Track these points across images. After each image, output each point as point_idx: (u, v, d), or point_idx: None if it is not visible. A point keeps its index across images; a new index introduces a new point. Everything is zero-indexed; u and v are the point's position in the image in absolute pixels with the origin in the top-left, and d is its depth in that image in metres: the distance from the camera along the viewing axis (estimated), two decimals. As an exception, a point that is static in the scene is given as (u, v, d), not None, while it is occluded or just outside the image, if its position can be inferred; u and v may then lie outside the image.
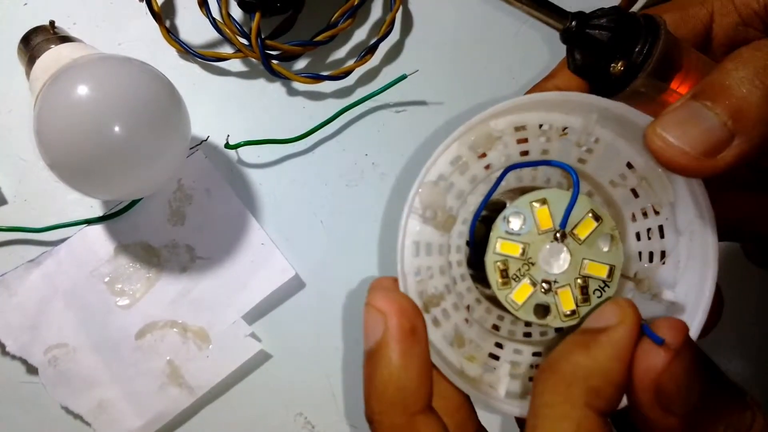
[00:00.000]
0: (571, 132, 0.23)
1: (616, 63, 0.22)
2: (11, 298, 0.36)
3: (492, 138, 0.23)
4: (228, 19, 0.38)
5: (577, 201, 0.22)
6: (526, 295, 0.22)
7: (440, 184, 0.23)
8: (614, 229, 0.23)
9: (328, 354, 0.37)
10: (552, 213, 0.22)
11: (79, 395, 0.36)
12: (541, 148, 0.23)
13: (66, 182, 0.33)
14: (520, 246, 0.22)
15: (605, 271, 0.23)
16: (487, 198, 0.23)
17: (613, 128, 0.23)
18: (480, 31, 0.41)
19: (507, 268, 0.22)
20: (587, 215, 0.23)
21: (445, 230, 0.22)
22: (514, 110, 0.23)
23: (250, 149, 0.39)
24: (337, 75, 0.39)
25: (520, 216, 0.22)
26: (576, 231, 0.23)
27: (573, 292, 0.22)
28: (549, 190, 0.23)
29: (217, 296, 0.37)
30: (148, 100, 0.32)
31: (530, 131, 0.23)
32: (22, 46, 0.36)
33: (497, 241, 0.22)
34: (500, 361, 0.23)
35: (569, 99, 0.22)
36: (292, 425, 0.36)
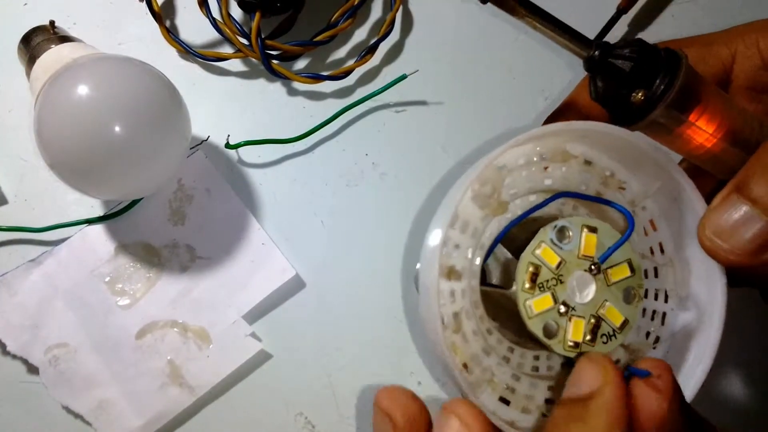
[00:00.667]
0: (628, 189, 0.24)
1: (637, 93, 0.22)
2: (12, 298, 0.36)
3: (566, 155, 0.23)
4: (228, 19, 0.38)
5: (622, 246, 0.23)
6: (545, 307, 0.22)
7: (503, 172, 0.23)
8: (641, 287, 0.23)
9: (328, 354, 0.37)
10: (598, 243, 0.23)
11: (79, 395, 0.36)
12: (595, 189, 0.24)
13: (66, 182, 0.33)
14: (558, 259, 0.22)
15: (620, 322, 0.23)
16: (534, 209, 0.23)
17: (663, 206, 0.24)
18: (480, 32, 0.41)
19: (537, 274, 0.22)
20: (624, 262, 0.23)
21: (492, 212, 0.22)
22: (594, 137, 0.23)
23: (251, 149, 0.39)
24: (337, 75, 0.39)
25: (568, 232, 0.23)
26: (610, 272, 0.23)
27: (585, 326, 0.22)
28: (601, 222, 0.23)
29: (218, 296, 0.37)
30: (148, 100, 0.32)
31: (595, 170, 0.24)
32: (22, 46, 0.36)
33: (541, 244, 0.22)
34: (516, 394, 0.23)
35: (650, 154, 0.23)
36: (292, 425, 0.36)
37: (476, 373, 0.22)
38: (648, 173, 0.24)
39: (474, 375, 0.22)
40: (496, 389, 0.22)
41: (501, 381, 0.22)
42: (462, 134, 0.40)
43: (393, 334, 0.37)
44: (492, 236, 0.23)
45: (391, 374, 0.37)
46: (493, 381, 0.22)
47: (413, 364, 0.37)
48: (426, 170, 0.39)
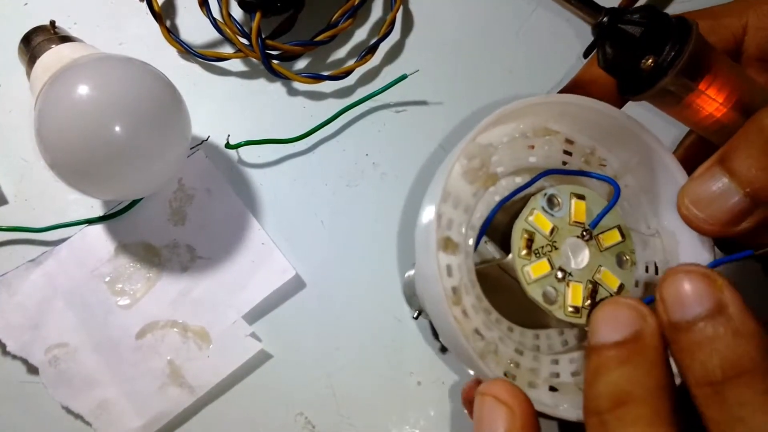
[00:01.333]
0: (609, 166, 0.24)
1: (647, 59, 0.22)
2: (12, 298, 0.36)
3: (548, 131, 0.24)
4: (228, 19, 0.38)
5: (610, 212, 0.23)
6: (542, 273, 0.22)
7: (489, 149, 0.23)
8: (633, 252, 0.23)
9: (329, 354, 0.37)
10: (587, 210, 0.23)
11: (79, 395, 0.36)
12: (579, 165, 0.24)
13: (66, 182, 0.33)
14: (551, 225, 0.23)
15: (616, 285, 0.23)
16: (521, 189, 0.23)
17: (642, 182, 0.24)
18: (480, 31, 0.41)
19: (533, 241, 0.22)
20: (614, 228, 0.23)
21: (483, 185, 0.23)
22: (568, 114, 0.23)
23: (251, 149, 0.39)
24: (338, 75, 0.39)
25: (557, 200, 0.23)
26: (601, 237, 0.23)
27: (583, 291, 0.23)
28: (589, 189, 0.23)
29: (218, 296, 0.37)
30: (148, 100, 0.32)
31: (576, 147, 0.24)
32: (22, 46, 0.36)
33: (533, 211, 0.23)
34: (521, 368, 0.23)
35: (626, 126, 0.23)
36: (293, 425, 0.36)
37: (480, 346, 0.22)
38: (627, 148, 0.24)
39: (478, 347, 0.22)
40: (500, 363, 0.22)
41: (505, 355, 0.22)
42: (462, 134, 0.39)
43: (393, 334, 0.37)
44: (482, 217, 0.23)
45: (391, 374, 0.37)
46: (497, 354, 0.22)
47: (413, 364, 0.37)
48: (426, 170, 0.39)
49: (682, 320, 0.18)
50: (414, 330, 0.37)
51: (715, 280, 0.19)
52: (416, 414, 0.36)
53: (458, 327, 0.21)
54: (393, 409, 0.36)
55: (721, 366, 0.18)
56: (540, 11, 0.41)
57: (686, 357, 0.18)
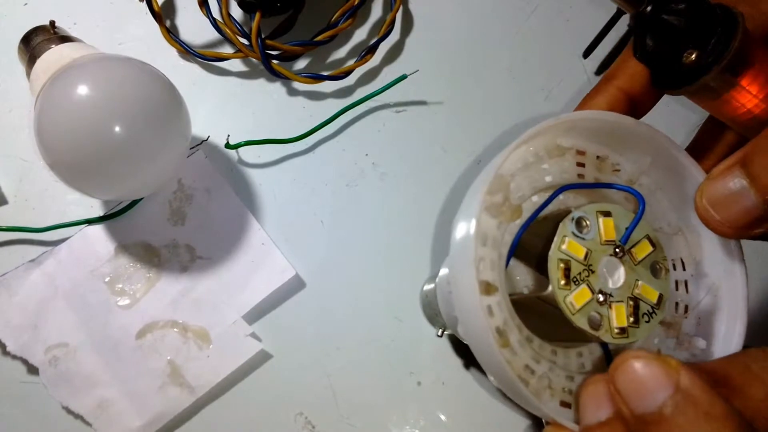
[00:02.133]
0: (622, 170, 0.24)
1: (689, 53, 0.21)
2: (12, 298, 0.36)
3: (560, 149, 0.23)
4: (228, 19, 0.38)
5: (638, 224, 0.23)
6: (585, 300, 0.22)
7: (506, 178, 0.23)
8: (665, 259, 0.23)
9: (328, 354, 0.37)
10: (615, 226, 0.22)
11: (79, 395, 0.36)
12: (593, 176, 0.24)
13: (66, 182, 0.33)
14: (584, 249, 0.22)
15: (656, 297, 0.22)
16: (541, 208, 0.23)
17: (657, 179, 0.24)
18: (480, 31, 0.41)
19: (569, 269, 0.22)
20: (644, 238, 0.23)
21: (507, 219, 0.22)
22: (582, 127, 0.23)
23: (251, 149, 0.39)
24: (338, 75, 0.39)
25: (586, 222, 0.22)
26: (634, 251, 0.23)
27: (626, 309, 0.22)
28: (612, 205, 0.23)
29: (218, 296, 0.37)
30: (148, 100, 0.32)
31: (588, 157, 0.24)
32: (22, 46, 0.36)
33: (564, 239, 0.22)
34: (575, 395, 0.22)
35: (636, 131, 0.23)
36: (293, 425, 0.36)
37: (533, 383, 0.21)
38: (638, 150, 0.24)
39: (531, 385, 0.21)
40: (555, 395, 0.22)
41: (558, 385, 0.22)
42: (462, 134, 0.40)
43: (393, 334, 0.37)
44: (507, 244, 0.22)
45: (391, 374, 0.37)
46: (551, 387, 0.22)
47: (413, 364, 0.37)
48: (426, 170, 0.39)
49: (647, 412, 0.17)
50: (414, 330, 0.37)
51: (669, 361, 0.18)
52: (416, 414, 0.36)
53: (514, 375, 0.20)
54: (393, 409, 0.36)
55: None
56: (540, 11, 0.41)
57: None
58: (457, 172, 0.39)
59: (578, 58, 0.41)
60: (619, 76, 0.25)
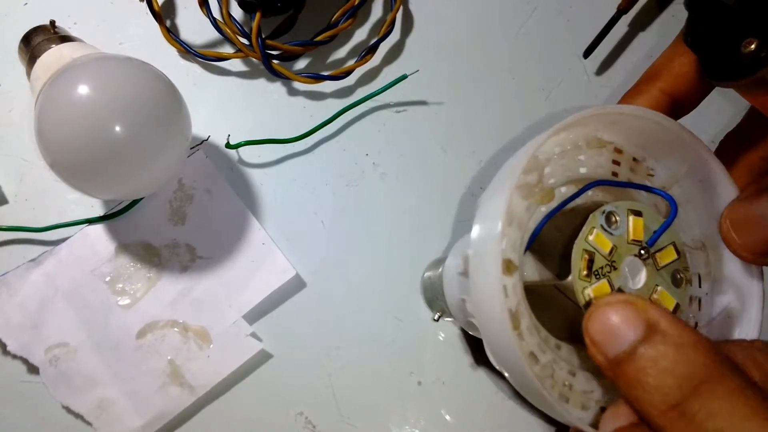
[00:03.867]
0: (656, 176, 0.24)
1: (748, 42, 0.19)
2: (12, 298, 0.36)
3: (601, 142, 0.23)
4: (228, 18, 0.38)
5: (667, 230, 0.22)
6: (603, 295, 0.21)
7: (542, 161, 0.22)
8: (687, 270, 0.23)
9: (329, 354, 0.37)
10: (645, 227, 0.22)
11: (79, 395, 0.36)
12: (626, 176, 0.23)
13: (67, 182, 0.33)
14: (611, 244, 0.22)
15: (672, 306, 0.22)
16: (567, 201, 0.22)
17: (688, 191, 0.23)
18: (480, 31, 0.41)
19: (593, 261, 0.21)
20: (670, 245, 0.22)
21: (538, 201, 0.22)
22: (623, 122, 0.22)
23: (251, 149, 0.39)
24: (338, 75, 0.39)
25: (616, 217, 0.22)
26: (658, 256, 0.22)
27: None
28: (645, 206, 0.22)
29: (218, 296, 0.37)
30: (148, 100, 0.32)
31: (624, 157, 0.23)
32: (22, 46, 0.36)
33: (593, 230, 0.21)
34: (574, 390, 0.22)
35: (679, 136, 0.22)
36: (293, 425, 0.36)
37: (536, 371, 0.21)
38: (676, 157, 0.23)
39: (536, 373, 0.21)
40: (556, 386, 0.21)
41: (559, 378, 0.22)
42: (462, 134, 0.40)
43: (393, 334, 0.37)
44: (530, 229, 0.22)
45: (391, 374, 0.37)
46: (553, 378, 0.21)
47: (413, 364, 0.37)
48: (426, 170, 0.39)
49: (620, 353, 0.18)
50: (414, 330, 0.37)
51: (636, 302, 0.18)
52: (416, 414, 0.36)
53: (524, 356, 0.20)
54: (393, 409, 0.36)
55: (678, 384, 0.17)
56: (540, 11, 0.41)
57: (638, 389, 0.17)
58: (457, 172, 0.39)
59: (578, 58, 0.41)
60: (664, 77, 0.24)
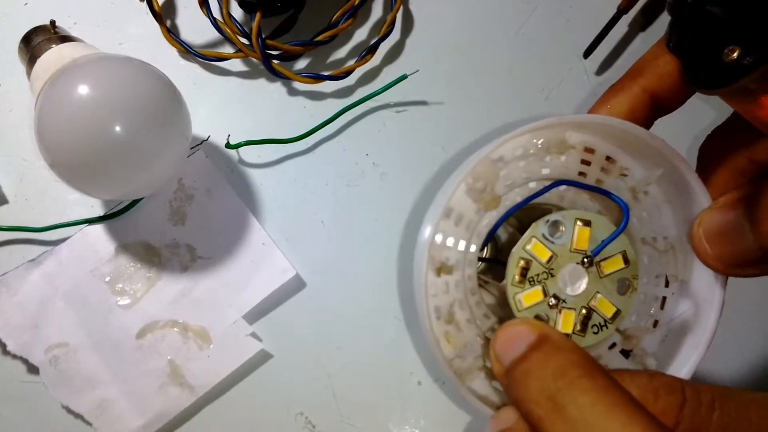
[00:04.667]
0: (630, 176, 0.24)
1: (731, 50, 0.19)
2: (12, 298, 0.36)
3: (564, 146, 0.23)
4: (229, 18, 0.38)
5: (617, 238, 0.23)
6: (534, 301, 0.22)
7: (498, 164, 0.23)
8: (635, 278, 0.23)
9: (329, 354, 0.37)
10: (591, 237, 0.23)
11: (79, 395, 0.36)
12: (596, 176, 0.23)
13: (67, 182, 0.33)
14: (549, 253, 0.22)
15: (611, 312, 0.23)
16: (531, 198, 0.23)
17: (667, 191, 0.24)
18: (480, 31, 0.41)
19: (528, 269, 0.22)
20: (618, 254, 0.23)
21: (485, 206, 0.22)
22: (593, 128, 0.23)
23: (251, 149, 0.39)
24: (338, 75, 0.39)
25: (561, 226, 0.23)
26: (603, 264, 0.23)
27: (576, 317, 0.22)
28: (597, 215, 0.23)
29: (218, 296, 0.37)
30: (148, 100, 0.32)
31: (596, 157, 0.23)
32: (22, 46, 0.36)
33: (532, 239, 0.22)
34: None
35: (650, 144, 0.23)
36: (293, 425, 0.36)
37: (469, 360, 0.22)
38: (650, 159, 0.23)
39: (467, 362, 0.22)
40: (489, 374, 0.23)
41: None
42: (462, 134, 0.40)
43: (393, 334, 0.37)
44: (490, 224, 0.23)
45: (391, 374, 0.37)
46: (486, 367, 0.23)
47: (413, 364, 0.37)
48: (426, 170, 0.39)
49: (513, 359, 0.20)
50: (414, 330, 0.37)
51: (534, 323, 0.20)
52: (416, 414, 0.36)
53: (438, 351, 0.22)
54: (393, 409, 0.36)
55: (553, 376, 0.19)
56: (540, 11, 0.41)
57: (521, 386, 0.19)
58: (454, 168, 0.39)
59: (578, 58, 0.41)
60: (647, 75, 0.24)
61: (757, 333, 0.38)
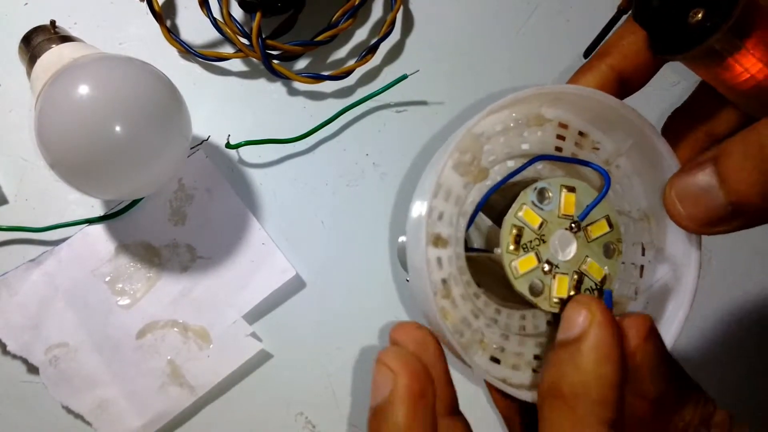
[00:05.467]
0: (602, 149, 0.24)
1: (695, 12, 0.20)
2: (12, 298, 0.36)
3: (540, 119, 0.23)
4: (229, 18, 0.38)
5: (600, 202, 0.23)
6: (529, 267, 0.23)
7: (481, 139, 0.23)
8: (620, 241, 0.24)
9: (329, 354, 0.37)
10: (576, 202, 0.23)
11: (79, 395, 0.36)
12: (571, 151, 0.24)
13: (67, 182, 0.33)
14: (540, 219, 0.23)
15: (601, 275, 0.23)
16: (514, 173, 0.23)
17: (636, 163, 0.24)
18: (480, 31, 0.41)
19: (521, 236, 0.23)
20: (603, 218, 0.24)
21: (473, 179, 0.23)
22: (568, 100, 0.23)
23: (251, 149, 0.39)
24: (338, 75, 0.39)
25: (548, 193, 0.23)
26: (590, 229, 0.23)
27: (569, 282, 0.23)
28: (580, 181, 0.24)
29: (218, 296, 0.37)
30: (149, 100, 0.32)
31: (569, 132, 0.24)
32: (23, 46, 0.36)
33: (522, 206, 0.23)
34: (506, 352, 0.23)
35: (621, 113, 0.23)
36: (293, 425, 0.36)
37: (467, 335, 0.23)
38: (621, 132, 0.24)
39: (465, 337, 0.23)
40: (487, 349, 0.23)
41: (491, 341, 0.23)
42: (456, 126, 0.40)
43: (393, 334, 0.37)
44: (474, 203, 0.23)
45: (392, 374, 0.37)
46: (483, 342, 0.23)
47: (413, 364, 0.37)
48: (426, 170, 0.39)
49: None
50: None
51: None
52: (416, 414, 0.36)
53: (444, 322, 0.22)
54: (393, 409, 0.36)
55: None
56: (540, 11, 0.41)
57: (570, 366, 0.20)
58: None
59: (578, 58, 0.41)
60: (613, 54, 0.25)
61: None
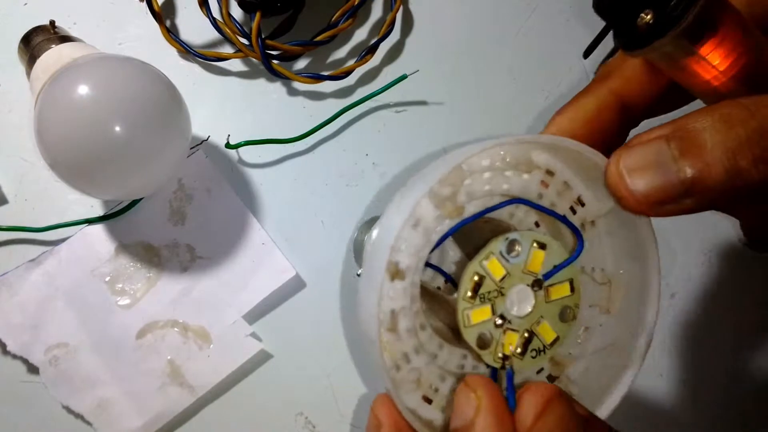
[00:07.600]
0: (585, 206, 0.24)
1: (645, 14, 0.19)
2: (12, 298, 0.36)
3: (530, 165, 0.23)
4: (228, 18, 0.38)
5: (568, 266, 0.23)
6: (482, 318, 0.22)
7: (465, 172, 0.22)
8: (577, 306, 0.23)
9: (329, 354, 0.37)
10: (545, 260, 0.23)
11: (79, 395, 0.36)
12: (551, 200, 0.23)
13: (66, 182, 0.33)
14: (504, 271, 0.22)
15: (551, 338, 0.23)
16: (485, 212, 0.23)
17: (612, 224, 0.24)
18: (480, 32, 0.41)
19: (481, 285, 0.22)
20: (566, 281, 0.23)
21: (447, 214, 0.22)
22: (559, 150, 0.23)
23: (251, 149, 0.39)
24: (338, 75, 0.39)
25: (517, 246, 0.22)
26: (551, 289, 0.23)
27: (518, 339, 0.23)
28: (552, 239, 0.23)
29: (218, 296, 0.37)
30: (148, 100, 0.32)
31: (554, 180, 0.23)
32: (22, 46, 0.36)
33: (490, 255, 0.22)
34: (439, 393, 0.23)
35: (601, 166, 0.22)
36: (293, 425, 0.36)
37: (404, 371, 0.22)
38: (605, 192, 0.23)
39: (401, 373, 0.22)
40: (421, 387, 0.22)
41: (426, 380, 0.22)
42: (462, 134, 0.40)
43: (393, 334, 0.37)
44: (441, 232, 0.22)
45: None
46: (419, 380, 0.22)
47: (413, 364, 0.37)
48: (426, 170, 0.39)
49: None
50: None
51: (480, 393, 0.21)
52: (416, 414, 0.36)
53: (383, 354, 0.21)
54: (393, 408, 0.36)
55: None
56: (540, 11, 0.41)
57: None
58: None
59: (578, 58, 0.41)
60: (614, 77, 0.24)
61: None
